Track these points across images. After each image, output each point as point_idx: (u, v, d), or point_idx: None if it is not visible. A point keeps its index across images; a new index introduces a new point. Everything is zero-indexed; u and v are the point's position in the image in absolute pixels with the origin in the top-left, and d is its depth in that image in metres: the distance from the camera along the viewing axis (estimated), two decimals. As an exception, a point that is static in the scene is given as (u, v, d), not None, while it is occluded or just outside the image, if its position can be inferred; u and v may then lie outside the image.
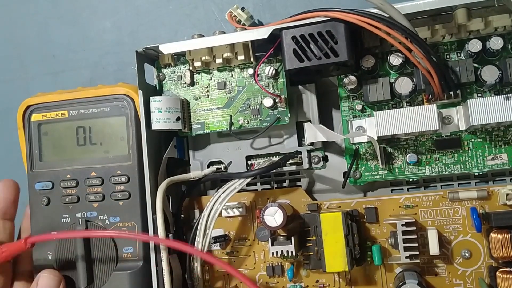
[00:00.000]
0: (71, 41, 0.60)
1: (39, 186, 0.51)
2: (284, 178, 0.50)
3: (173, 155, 0.49)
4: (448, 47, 0.44)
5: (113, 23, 0.58)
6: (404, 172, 0.45)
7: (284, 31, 0.43)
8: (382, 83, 0.44)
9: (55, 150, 0.51)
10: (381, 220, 0.45)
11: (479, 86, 0.43)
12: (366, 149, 0.46)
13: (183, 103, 0.47)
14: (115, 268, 0.48)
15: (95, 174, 0.49)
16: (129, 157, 0.48)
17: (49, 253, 0.50)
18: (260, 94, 0.46)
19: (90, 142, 0.50)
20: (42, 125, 0.51)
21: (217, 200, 0.44)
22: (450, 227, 0.44)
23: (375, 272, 0.45)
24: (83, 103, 0.50)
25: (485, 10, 0.42)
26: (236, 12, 0.49)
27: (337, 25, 0.41)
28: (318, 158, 0.48)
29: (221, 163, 0.50)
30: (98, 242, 0.49)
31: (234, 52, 0.45)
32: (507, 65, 0.41)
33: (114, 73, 0.58)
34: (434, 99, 0.43)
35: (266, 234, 0.44)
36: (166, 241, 0.44)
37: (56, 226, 0.50)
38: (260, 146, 0.49)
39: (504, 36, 0.42)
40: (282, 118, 0.46)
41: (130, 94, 0.48)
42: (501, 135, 0.43)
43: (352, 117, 0.46)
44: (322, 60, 0.42)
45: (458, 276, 0.44)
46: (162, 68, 0.49)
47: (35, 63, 0.61)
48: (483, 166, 0.44)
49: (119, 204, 0.48)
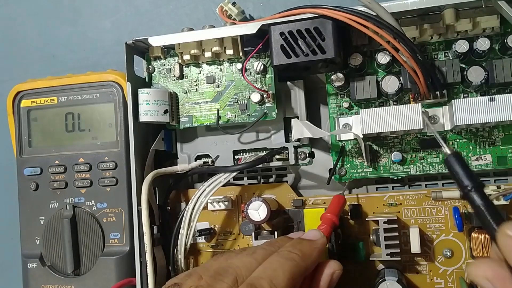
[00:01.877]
0: (71, 41, 0.60)
1: (27, 171, 0.51)
2: (271, 174, 0.51)
3: (160, 148, 0.49)
4: (436, 47, 0.44)
5: (113, 23, 0.59)
6: (389, 170, 0.45)
7: (273, 26, 0.43)
8: (369, 81, 0.44)
9: (44, 136, 0.52)
10: (365, 217, 0.46)
11: (465, 86, 0.43)
12: (352, 147, 0.46)
13: (171, 96, 0.48)
14: (102, 253, 0.49)
15: (83, 160, 0.50)
16: (117, 143, 0.49)
17: (36, 238, 0.51)
18: (248, 89, 0.47)
19: (79, 129, 0.51)
20: (32, 111, 0.52)
21: (202, 193, 0.45)
22: (432, 226, 0.45)
23: (357, 269, 0.46)
24: (72, 89, 0.51)
25: (473, 11, 0.42)
26: (227, 6, 0.50)
27: (325, 22, 0.41)
28: (305, 154, 0.48)
29: (208, 156, 0.50)
30: (85, 227, 0.50)
31: (223, 47, 0.46)
32: (493, 66, 0.41)
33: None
34: (420, 98, 0.44)
35: (250, 228, 0.44)
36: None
37: (44, 211, 0.51)
38: (247, 140, 0.50)
39: (492, 38, 0.42)
40: (269, 114, 0.46)
41: (119, 81, 0.49)
42: (486, 136, 0.44)
43: (339, 114, 0.46)
44: (309, 56, 0.42)
45: (439, 275, 0.44)
46: (152, 60, 0.49)
47: (35, 63, 0.61)
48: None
49: (106, 190, 0.49)
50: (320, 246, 0.37)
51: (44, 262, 0.51)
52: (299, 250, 0.35)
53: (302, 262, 0.34)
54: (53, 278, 0.50)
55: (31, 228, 0.51)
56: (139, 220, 0.44)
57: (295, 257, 0.34)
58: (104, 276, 0.48)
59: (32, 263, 0.51)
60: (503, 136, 0.44)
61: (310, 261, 0.35)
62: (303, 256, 0.35)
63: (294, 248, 0.35)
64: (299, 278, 0.34)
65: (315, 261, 0.36)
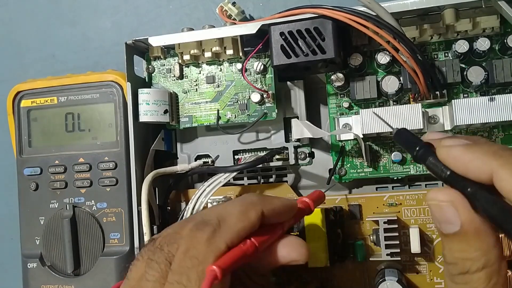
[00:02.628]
0: (71, 41, 0.60)
1: (27, 171, 0.52)
2: (271, 174, 0.51)
3: (160, 148, 0.49)
4: (436, 47, 0.44)
5: (113, 23, 0.59)
6: (389, 170, 0.45)
7: (273, 26, 0.43)
8: (369, 81, 0.44)
9: (44, 136, 0.52)
10: (365, 217, 0.46)
11: (465, 86, 0.43)
12: (352, 147, 0.46)
13: (171, 96, 0.48)
14: (102, 253, 0.49)
15: (83, 160, 0.50)
16: (117, 143, 0.49)
17: (36, 238, 0.51)
18: (248, 89, 0.47)
19: (79, 129, 0.51)
20: (32, 111, 0.52)
21: (202, 193, 0.45)
22: (432, 226, 0.44)
23: (357, 269, 0.46)
24: (72, 89, 0.51)
25: (473, 11, 0.42)
26: (227, 6, 0.49)
27: (325, 22, 0.41)
28: (305, 154, 0.48)
29: (208, 156, 0.50)
30: (85, 227, 0.50)
31: (223, 47, 0.46)
32: (493, 66, 0.41)
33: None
34: (420, 98, 0.44)
35: (250, 228, 0.44)
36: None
37: (44, 211, 0.51)
38: (247, 140, 0.50)
39: (492, 38, 0.42)
40: (269, 114, 0.46)
41: (119, 81, 0.49)
42: (486, 136, 0.44)
43: (339, 114, 0.46)
44: (309, 56, 0.42)
45: (439, 275, 0.44)
46: (152, 60, 0.49)
47: (35, 63, 0.61)
48: (467, 166, 0.44)
49: (106, 190, 0.49)
50: (287, 201, 0.35)
51: (44, 262, 0.51)
52: (260, 195, 0.33)
53: (259, 201, 0.32)
54: (53, 278, 0.50)
55: (31, 228, 0.51)
56: (139, 220, 0.44)
57: (253, 197, 0.33)
58: (104, 276, 0.48)
59: (32, 263, 0.51)
60: (503, 136, 0.43)
61: (270, 204, 0.32)
62: (262, 198, 0.33)
63: (256, 194, 0.34)
64: (253, 214, 0.31)
65: (277, 209, 0.33)
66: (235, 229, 0.30)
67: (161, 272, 0.29)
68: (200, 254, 0.28)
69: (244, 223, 0.30)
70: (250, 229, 0.31)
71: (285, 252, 0.33)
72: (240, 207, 0.31)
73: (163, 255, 0.29)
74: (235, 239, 0.30)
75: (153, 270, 0.29)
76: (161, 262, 0.29)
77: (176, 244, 0.30)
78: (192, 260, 0.28)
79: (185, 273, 0.28)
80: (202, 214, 0.32)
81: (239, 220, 0.30)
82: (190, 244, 0.29)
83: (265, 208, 0.32)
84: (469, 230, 0.25)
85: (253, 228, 0.31)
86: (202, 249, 0.28)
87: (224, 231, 0.29)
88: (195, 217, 0.32)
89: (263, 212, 0.31)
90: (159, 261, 0.29)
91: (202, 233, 0.29)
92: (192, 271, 0.28)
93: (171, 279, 0.28)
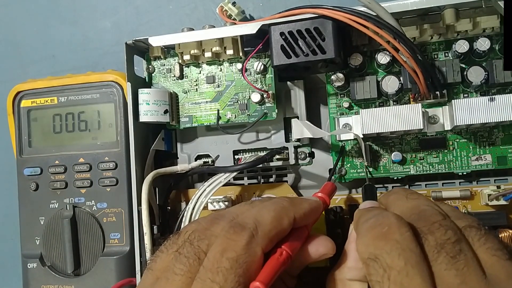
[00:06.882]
0: (71, 41, 0.60)
1: (27, 171, 0.52)
2: (271, 174, 0.51)
3: (160, 148, 0.49)
4: (436, 47, 0.44)
5: (113, 23, 0.59)
6: (389, 170, 0.45)
7: (273, 27, 0.43)
8: (369, 81, 0.44)
9: (44, 136, 0.52)
10: (365, 217, 0.46)
11: (465, 86, 0.43)
12: (352, 147, 0.46)
13: (171, 96, 0.48)
14: (102, 253, 0.49)
15: (83, 160, 0.50)
16: (117, 143, 0.49)
17: (36, 238, 0.51)
18: (248, 89, 0.47)
19: (79, 129, 0.51)
20: (32, 111, 0.52)
21: (202, 193, 0.45)
22: (432, 226, 0.44)
23: (357, 269, 0.46)
24: (72, 89, 0.51)
25: (473, 11, 0.42)
26: (227, 6, 0.49)
27: (325, 22, 0.41)
28: (305, 154, 0.48)
29: (208, 156, 0.50)
30: (86, 227, 0.50)
31: (223, 47, 0.46)
32: (493, 66, 0.41)
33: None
34: (421, 98, 0.44)
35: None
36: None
37: (44, 211, 0.51)
38: (247, 140, 0.50)
39: (492, 38, 0.42)
40: (269, 114, 0.46)
41: (119, 81, 0.49)
42: (486, 136, 0.44)
43: (339, 114, 0.46)
44: (309, 56, 0.42)
45: (439, 275, 0.44)
46: (152, 60, 0.49)
47: (35, 63, 0.61)
48: (467, 166, 0.44)
49: (106, 190, 0.49)
50: (314, 203, 0.36)
51: (44, 262, 0.51)
52: (289, 199, 0.34)
53: (290, 206, 0.33)
54: (53, 278, 0.50)
55: (31, 228, 0.51)
56: (139, 220, 0.44)
57: (284, 202, 0.33)
58: (104, 276, 0.48)
59: (32, 263, 0.51)
60: (503, 136, 0.44)
61: (301, 209, 0.33)
62: (292, 202, 0.33)
63: (285, 197, 0.35)
64: (286, 220, 0.32)
65: (306, 212, 0.34)
66: (269, 236, 0.30)
67: (189, 267, 0.29)
68: (240, 258, 0.28)
69: (277, 229, 0.31)
70: (282, 235, 0.32)
71: (313, 249, 0.34)
72: (274, 212, 0.32)
73: (192, 250, 0.30)
74: (269, 245, 0.31)
75: (181, 264, 0.29)
76: (190, 257, 0.29)
77: (206, 241, 0.30)
78: (230, 261, 0.28)
79: (221, 273, 0.28)
80: (232, 214, 0.32)
81: (273, 227, 0.31)
82: (227, 245, 0.29)
83: (297, 213, 0.33)
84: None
85: (285, 234, 0.32)
86: (241, 253, 0.29)
87: (260, 237, 0.30)
88: (226, 215, 0.32)
89: (295, 217, 0.32)
90: (188, 256, 0.29)
91: (240, 236, 0.29)
92: (230, 272, 0.28)
93: (203, 276, 0.28)
